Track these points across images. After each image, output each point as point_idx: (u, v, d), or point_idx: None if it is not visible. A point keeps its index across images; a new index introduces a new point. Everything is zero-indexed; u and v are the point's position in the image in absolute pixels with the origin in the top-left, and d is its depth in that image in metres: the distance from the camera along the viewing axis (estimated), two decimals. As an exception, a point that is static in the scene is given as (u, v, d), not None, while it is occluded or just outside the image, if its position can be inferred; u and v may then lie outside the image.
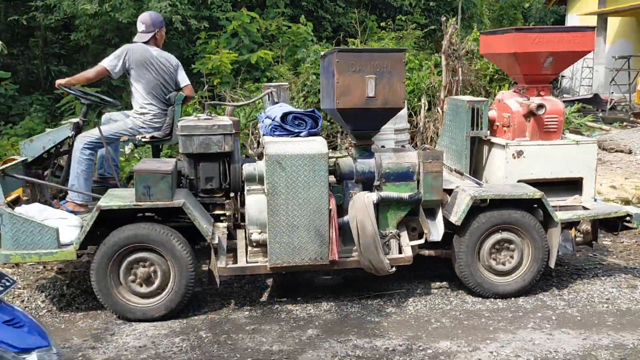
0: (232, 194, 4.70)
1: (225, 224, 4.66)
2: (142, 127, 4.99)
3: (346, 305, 4.45)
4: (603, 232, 5.30)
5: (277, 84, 5.54)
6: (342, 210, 4.46)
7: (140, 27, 5.06)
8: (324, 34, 14.18)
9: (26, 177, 4.61)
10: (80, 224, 4.31)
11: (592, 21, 23.78)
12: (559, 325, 4.11)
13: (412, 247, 4.52)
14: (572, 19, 26.75)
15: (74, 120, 4.99)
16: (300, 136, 4.37)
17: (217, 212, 4.63)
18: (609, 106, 17.66)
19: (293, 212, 4.18)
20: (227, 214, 4.70)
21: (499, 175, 4.93)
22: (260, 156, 4.78)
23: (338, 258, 4.29)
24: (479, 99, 5.23)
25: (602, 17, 23.03)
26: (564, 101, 13.81)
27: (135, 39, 5.09)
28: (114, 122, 5.12)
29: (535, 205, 4.64)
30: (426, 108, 10.39)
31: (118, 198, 4.18)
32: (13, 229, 4.00)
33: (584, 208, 4.92)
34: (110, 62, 4.94)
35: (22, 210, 4.22)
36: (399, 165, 4.48)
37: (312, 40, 12.23)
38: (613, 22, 24.14)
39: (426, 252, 4.66)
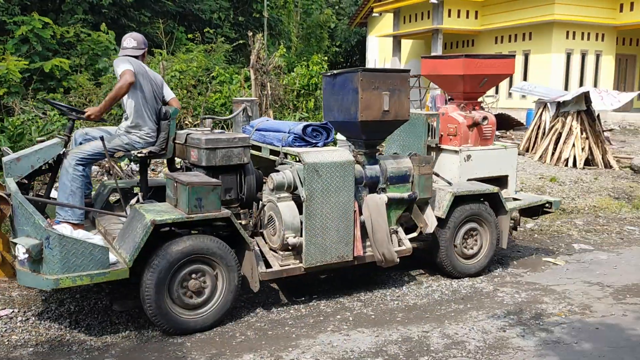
0: (256, 203, 4.88)
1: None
2: (138, 142, 4.85)
3: (147, 329, 4.22)
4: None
5: (249, 99, 5.85)
6: None
7: (131, 43, 4.95)
8: (128, 43, 13.59)
9: (51, 201, 4.48)
10: (104, 243, 4.10)
11: (389, 43, 26.17)
12: (355, 325, 4.34)
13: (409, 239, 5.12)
14: (372, 40, 29.15)
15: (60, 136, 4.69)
16: (318, 146, 4.86)
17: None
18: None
19: (326, 215, 4.57)
20: (243, 222, 4.67)
21: (453, 175, 5.77)
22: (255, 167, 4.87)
23: (361, 254, 4.78)
24: (433, 113, 6.03)
25: (397, 39, 25.45)
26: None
27: (128, 53, 4.88)
28: (93, 138, 4.82)
29: (481, 200, 5.53)
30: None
31: (164, 212, 4.08)
32: (62, 251, 3.74)
33: (515, 199, 6.03)
34: (127, 65, 4.65)
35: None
36: (399, 170, 5.10)
37: (114, 50, 11.60)
38: (406, 44, 26.81)
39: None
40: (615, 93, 15.63)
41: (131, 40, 4.97)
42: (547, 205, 6.19)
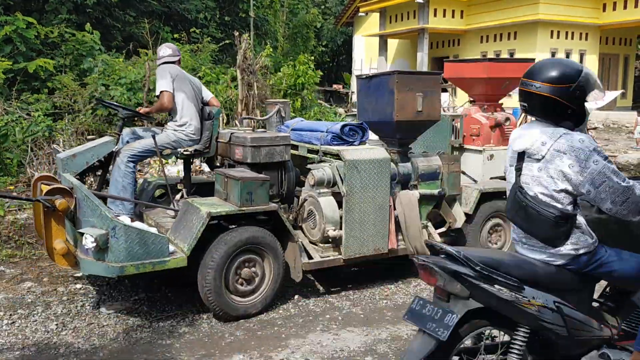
0: (296, 199, 5.10)
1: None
2: (184, 140, 5.12)
3: (135, 331, 4.19)
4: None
5: (282, 100, 6.16)
6: None
7: (167, 51, 5.30)
8: (113, 43, 13.46)
9: (109, 195, 4.71)
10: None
11: (375, 42, 26.23)
12: (344, 325, 4.35)
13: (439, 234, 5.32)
14: (359, 40, 29.19)
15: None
16: (354, 145, 5.06)
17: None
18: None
19: (364, 209, 4.80)
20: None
21: (477, 174, 6.01)
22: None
23: (395, 247, 5.02)
24: (458, 114, 6.21)
25: (383, 39, 25.52)
26: (352, 114, 14.91)
27: (167, 60, 5.24)
28: (140, 137, 5.12)
29: (504, 197, 5.58)
30: (225, 122, 10.42)
31: (217, 205, 4.34)
32: (127, 241, 3.94)
33: None
34: (166, 85, 5.04)
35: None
36: (430, 167, 5.31)
37: (99, 50, 11.50)
38: (392, 44, 26.89)
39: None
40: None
41: (167, 49, 5.34)
42: None
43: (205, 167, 8.77)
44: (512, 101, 7.86)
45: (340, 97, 25.30)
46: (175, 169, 8.52)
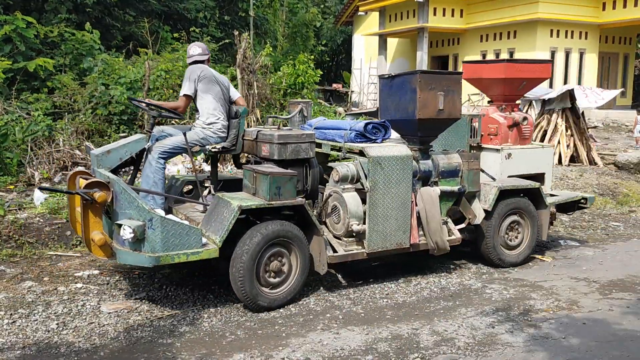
0: (321, 194, 5.21)
1: None
2: (212, 137, 5.26)
3: (136, 330, 4.19)
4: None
5: (304, 100, 6.31)
6: None
7: (197, 50, 5.42)
8: (113, 42, 13.45)
9: (142, 189, 4.87)
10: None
11: (375, 41, 26.21)
12: (345, 323, 4.35)
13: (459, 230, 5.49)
14: (358, 39, 29.18)
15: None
16: (377, 142, 5.17)
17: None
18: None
19: (387, 205, 4.96)
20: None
21: (495, 172, 6.09)
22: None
23: (416, 242, 5.15)
24: (475, 114, 6.36)
25: (383, 38, 25.50)
26: (351, 113, 14.91)
27: (196, 59, 5.37)
28: (169, 135, 5.25)
29: (522, 195, 5.88)
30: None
31: (247, 199, 4.51)
32: (164, 232, 4.14)
33: (551, 195, 6.38)
34: (188, 89, 5.22)
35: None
36: (450, 165, 5.45)
37: (99, 49, 11.50)
38: (392, 43, 26.87)
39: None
40: (599, 91, 15.82)
41: (196, 48, 5.46)
42: (582, 200, 6.53)
43: (206, 167, 8.78)
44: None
45: (339, 96, 25.28)
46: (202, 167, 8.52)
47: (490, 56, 22.23)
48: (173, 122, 6.62)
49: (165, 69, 10.35)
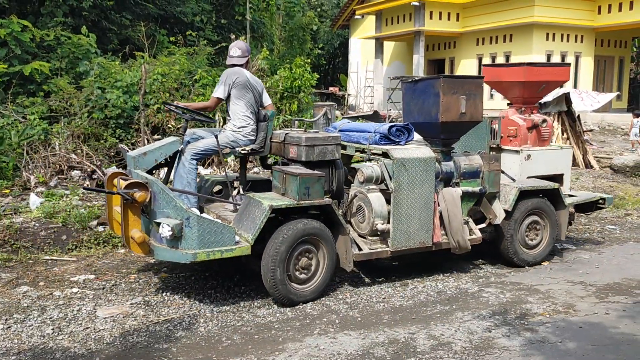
0: (346, 195, 5.36)
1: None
2: (242, 140, 5.42)
3: (132, 335, 4.18)
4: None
5: (328, 103, 6.45)
6: None
7: (237, 52, 5.51)
8: (109, 46, 13.43)
9: (178, 189, 5.02)
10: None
11: (372, 44, 26.26)
12: (341, 328, 4.34)
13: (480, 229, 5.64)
14: (355, 42, 29.23)
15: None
16: (400, 144, 5.35)
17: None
18: (387, 122, 19.46)
19: (411, 205, 5.14)
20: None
21: (514, 173, 6.25)
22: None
23: (439, 241, 5.30)
24: (496, 116, 6.49)
25: (379, 41, 25.55)
26: (348, 117, 14.92)
27: (233, 62, 5.49)
28: (201, 138, 5.42)
29: (541, 195, 6.01)
30: (221, 124, 10.41)
31: (277, 199, 4.71)
32: (200, 230, 4.35)
33: (570, 195, 6.50)
34: (221, 92, 5.38)
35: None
36: (471, 166, 5.62)
37: (95, 53, 11.47)
38: (388, 46, 26.93)
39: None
40: (595, 94, 15.86)
41: (236, 49, 5.55)
42: (600, 201, 6.64)
43: (203, 171, 8.77)
44: (493, 102, 7.91)
45: (336, 100, 25.29)
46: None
47: (487, 60, 22.30)
48: (203, 124, 6.80)
49: (161, 73, 10.33)
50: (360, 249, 5.07)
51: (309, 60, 12.59)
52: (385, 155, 5.21)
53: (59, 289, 5.04)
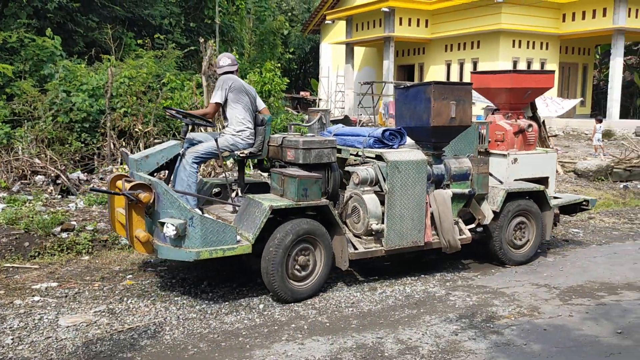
0: (341, 196, 5.52)
1: None
2: (241, 143, 5.57)
3: (95, 344, 4.08)
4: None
5: (323, 109, 6.71)
6: None
7: (227, 61, 5.76)
8: (75, 48, 13.17)
9: (181, 191, 5.13)
10: None
11: (342, 50, 26.37)
12: (310, 333, 4.32)
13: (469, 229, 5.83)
14: (326, 47, 29.31)
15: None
16: (394, 148, 5.56)
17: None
18: (358, 126, 19.55)
19: (404, 205, 5.31)
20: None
21: (502, 176, 6.44)
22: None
23: (430, 240, 5.49)
24: (484, 121, 6.73)
25: (350, 47, 25.69)
26: (308, 119, 14.92)
27: (225, 70, 5.71)
28: (200, 141, 5.52)
29: (527, 197, 6.24)
30: (190, 129, 10.29)
31: (276, 200, 4.90)
32: (203, 229, 4.52)
33: (555, 197, 6.69)
34: (219, 97, 5.52)
35: None
36: (461, 169, 5.80)
37: (60, 55, 11.25)
38: (359, 51, 27.09)
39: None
40: (559, 100, 16.23)
41: (226, 59, 5.78)
42: (584, 203, 6.90)
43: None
44: (475, 109, 8.06)
45: (307, 104, 25.31)
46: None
47: (455, 66, 22.62)
48: (202, 129, 6.94)
49: (128, 76, 10.18)
50: (355, 248, 5.22)
51: (279, 65, 12.58)
52: (379, 158, 5.39)
53: (19, 298, 4.90)
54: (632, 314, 4.78)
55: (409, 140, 5.89)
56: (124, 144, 9.79)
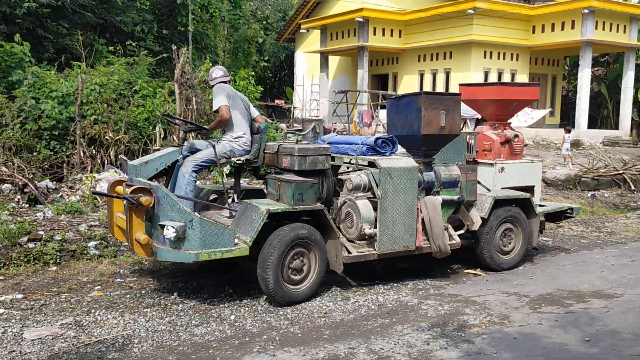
0: (337, 200, 5.68)
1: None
2: (238, 150, 5.73)
3: (61, 357, 3.97)
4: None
5: (317, 118, 7.02)
6: None
7: (219, 72, 5.96)
8: (45, 55, 12.94)
9: (182, 196, 5.19)
10: None
11: (317, 58, 26.45)
12: (282, 344, 4.28)
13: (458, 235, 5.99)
14: (300, 55, 29.38)
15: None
16: (386, 155, 5.74)
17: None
18: (333, 134, 19.54)
19: (396, 211, 5.48)
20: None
21: (489, 184, 6.70)
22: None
23: (421, 245, 5.64)
24: (472, 132, 6.93)
25: (324, 55, 25.78)
26: (293, 130, 14.95)
27: (221, 80, 5.89)
28: (198, 149, 5.68)
29: (514, 205, 6.42)
30: (162, 136, 10.19)
31: (273, 204, 5.04)
32: (202, 232, 4.64)
33: (540, 205, 6.90)
34: (224, 99, 5.63)
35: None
36: (450, 176, 6.01)
37: (29, 61, 11.03)
38: (334, 60, 27.20)
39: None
40: (529, 110, 16.50)
41: (218, 71, 5.98)
42: (569, 211, 7.14)
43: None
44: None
45: (282, 112, 25.28)
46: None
47: (428, 76, 22.87)
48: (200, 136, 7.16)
49: (99, 83, 10.03)
50: (349, 252, 5.35)
51: (253, 73, 12.54)
52: (372, 165, 5.56)
53: (-18, 311, 4.76)
54: (600, 321, 4.86)
55: (400, 149, 6.05)
56: (94, 152, 9.63)
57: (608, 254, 7.33)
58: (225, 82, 5.91)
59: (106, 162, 9.62)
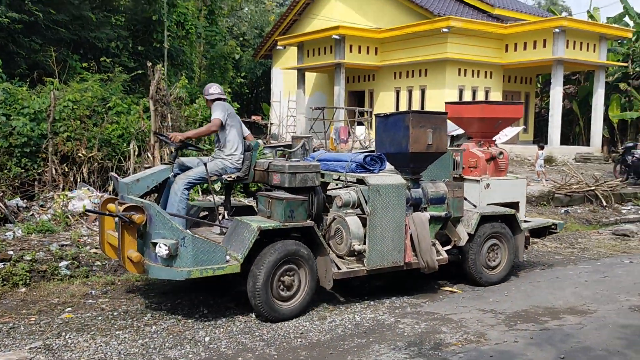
0: (326, 218, 5.73)
1: None
2: (230, 167, 5.81)
3: (28, 383, 3.85)
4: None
5: (306, 135, 6.92)
6: None
7: (217, 89, 6.08)
8: (17, 71, 12.74)
9: (175, 214, 5.24)
10: None
11: (294, 75, 26.55)
12: (257, 367, 4.21)
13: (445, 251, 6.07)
14: (277, 72, 29.47)
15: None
16: (374, 172, 5.82)
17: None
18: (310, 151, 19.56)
19: (384, 227, 5.55)
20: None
21: (475, 201, 6.82)
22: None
23: (410, 260, 5.70)
24: (458, 149, 6.97)
25: (301, 72, 25.90)
26: (270, 146, 14.94)
27: (217, 97, 5.99)
28: (189, 167, 5.76)
29: (500, 220, 6.54)
30: (136, 153, 10.06)
31: (263, 222, 5.06)
32: (194, 249, 4.66)
33: (525, 221, 7.02)
34: (221, 114, 5.76)
35: None
36: (437, 193, 6.14)
37: (1, 78, 10.84)
38: (310, 77, 27.34)
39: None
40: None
41: (216, 87, 6.12)
42: (552, 226, 7.30)
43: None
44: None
45: (259, 128, 25.25)
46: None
47: (404, 93, 23.11)
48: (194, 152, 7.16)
49: (72, 99, 9.89)
50: (339, 268, 5.38)
51: (230, 89, 12.51)
52: (360, 182, 5.65)
53: (-54, 335, 4.60)
54: (574, 338, 4.90)
55: (388, 166, 6.13)
56: (66, 169, 9.47)
57: (581, 270, 7.42)
58: (224, 99, 6.04)
59: (79, 180, 9.46)
